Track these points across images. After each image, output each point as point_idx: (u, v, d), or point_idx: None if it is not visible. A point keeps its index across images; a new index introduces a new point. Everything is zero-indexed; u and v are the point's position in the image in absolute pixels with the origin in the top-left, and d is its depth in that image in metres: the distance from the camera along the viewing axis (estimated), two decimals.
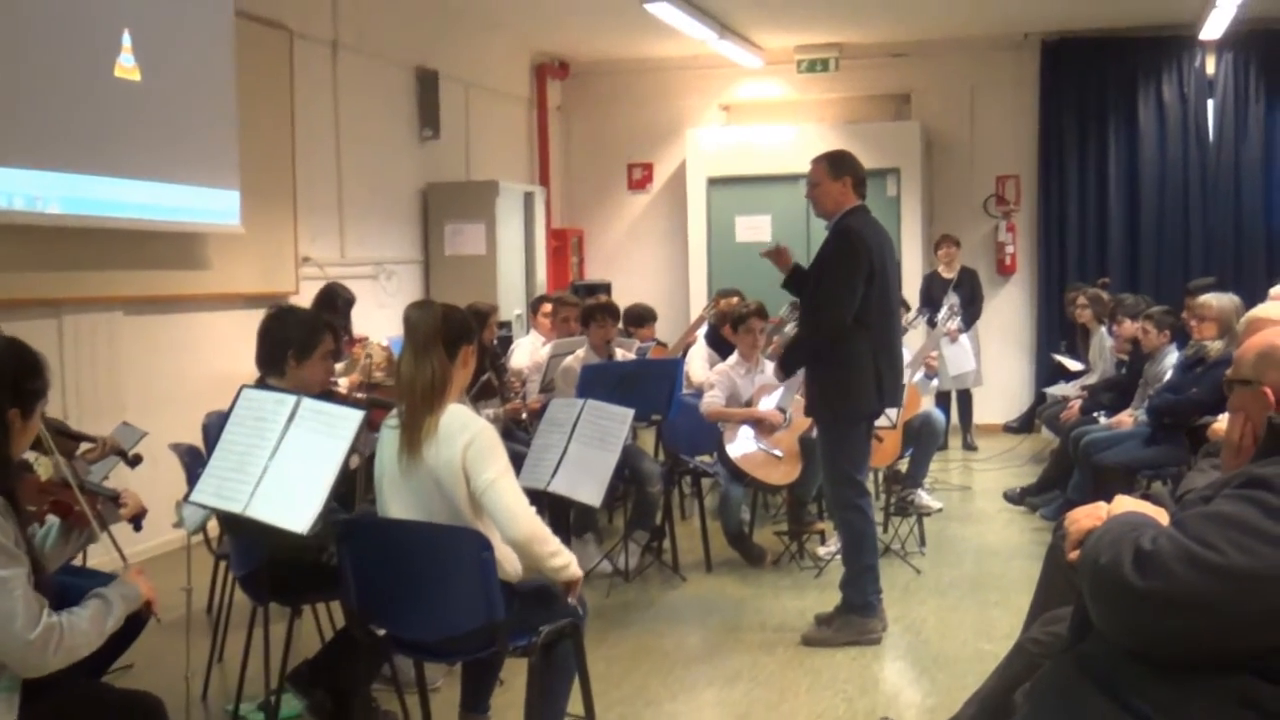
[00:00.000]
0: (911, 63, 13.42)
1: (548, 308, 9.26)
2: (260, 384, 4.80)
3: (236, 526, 4.43)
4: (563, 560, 4.08)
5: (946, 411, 11.03)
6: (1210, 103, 12.79)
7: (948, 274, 12.16)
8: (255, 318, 5.23)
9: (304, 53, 9.45)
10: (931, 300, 11.57)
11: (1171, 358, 8.30)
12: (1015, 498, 9.24)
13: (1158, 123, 12.86)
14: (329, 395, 5.00)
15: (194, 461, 5.20)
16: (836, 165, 6.14)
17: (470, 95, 12.12)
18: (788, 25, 12.31)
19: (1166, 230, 12.84)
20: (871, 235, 6.04)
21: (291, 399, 4.16)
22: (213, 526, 5.12)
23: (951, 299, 11.46)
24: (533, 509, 4.08)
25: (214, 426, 5.06)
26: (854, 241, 5.95)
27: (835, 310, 5.90)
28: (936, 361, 9.08)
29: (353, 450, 4.04)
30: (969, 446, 11.92)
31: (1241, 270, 12.45)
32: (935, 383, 9.20)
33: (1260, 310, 6.02)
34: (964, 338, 11.60)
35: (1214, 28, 11.78)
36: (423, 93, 11.18)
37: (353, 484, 5.12)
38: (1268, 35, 12.47)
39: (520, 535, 4.00)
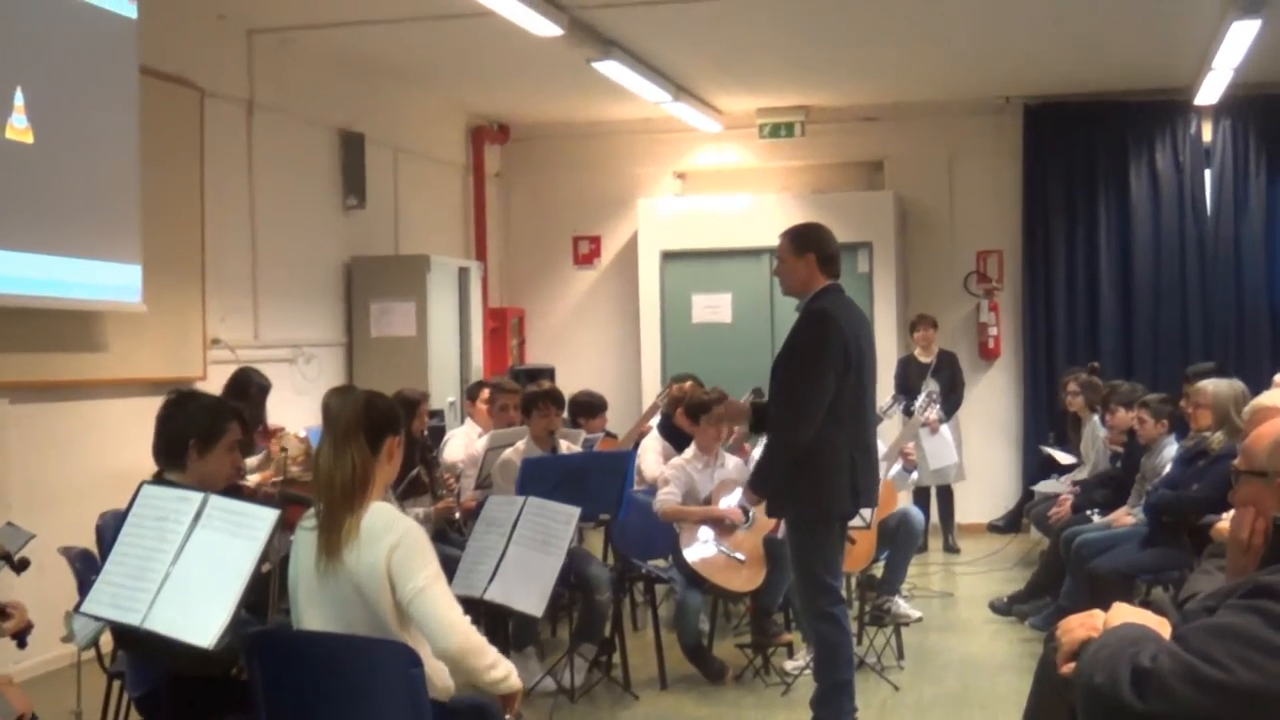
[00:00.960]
0: (884, 127, 13.58)
1: (485, 395, 9.25)
2: (160, 479, 4.74)
3: (134, 641, 4.36)
4: (502, 671, 4.05)
5: (926, 510, 11.04)
6: (1208, 172, 13.00)
7: (925, 358, 12.24)
8: (156, 406, 5.18)
9: (216, 113, 9.47)
10: (907, 387, 11.60)
11: (1170, 450, 8.36)
12: (1002, 608, 9.22)
13: (1151, 194, 13.05)
14: (237, 492, 4.95)
15: (86, 567, 5.12)
16: (799, 241, 6.17)
17: (400, 161, 12.17)
18: (749, 86, 12.45)
19: (1163, 310, 12.98)
20: (845, 318, 6.07)
21: (197, 496, 4.12)
22: (107, 641, 5.03)
23: (930, 386, 11.48)
24: (467, 618, 4.04)
25: (110, 528, 4.99)
26: (825, 326, 5.97)
27: (809, 410, 5.90)
28: (915, 454, 9.10)
29: (265, 554, 3.99)
30: (951, 548, 11.94)
31: (1244, 354, 12.61)
32: (914, 477, 9.22)
33: (1267, 398, 6.10)
34: (944, 428, 11.58)
35: (1210, 92, 11.99)
36: (347, 158, 11.21)
37: (265, 592, 5.05)
38: (1267, 101, 12.71)
39: (453, 648, 3.96)
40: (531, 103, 13.19)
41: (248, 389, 8.48)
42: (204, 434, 4.83)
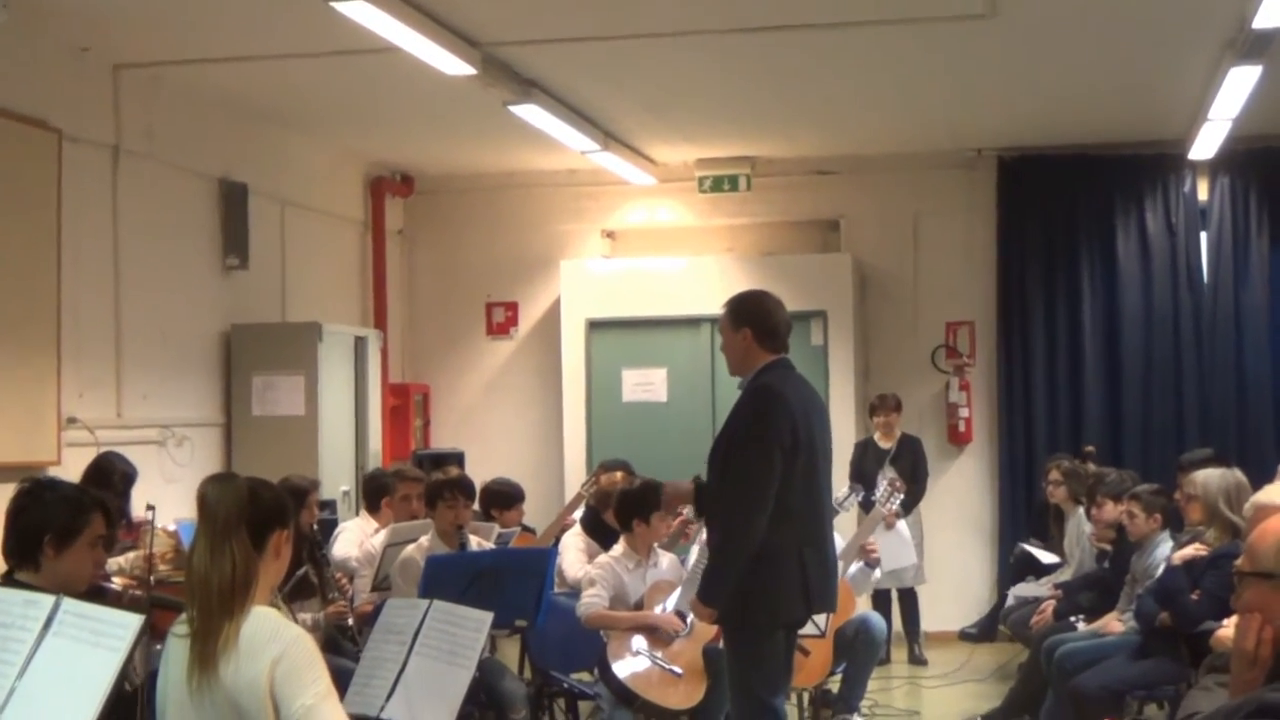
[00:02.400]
0: (841, 182, 13.70)
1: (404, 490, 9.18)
2: (9, 580, 4.69)
3: None
4: None
5: (887, 615, 11.05)
6: (1204, 235, 13.16)
7: (885, 443, 12.29)
8: (3, 494, 5.13)
9: (76, 159, 9.43)
10: (863, 474, 11.62)
11: (1164, 548, 8.43)
12: None
13: (1141, 259, 13.18)
14: (100, 595, 4.90)
15: None
16: (736, 313, 6.25)
17: (287, 215, 12.16)
18: (687, 134, 12.53)
19: (1154, 390, 13.09)
20: (794, 395, 6.11)
21: (48, 600, 4.07)
22: None
23: (889, 474, 11.52)
24: None
25: None
26: (768, 402, 6.01)
27: (759, 495, 5.92)
28: (877, 548, 9.11)
29: (128, 667, 3.95)
30: (917, 659, 11.96)
31: (1246, 439, 12.72)
32: (877, 575, 9.20)
33: (1266, 495, 6.18)
34: (901, 524, 11.45)
35: (1206, 145, 12.15)
36: (228, 211, 11.19)
37: (130, 710, 5.00)
38: (1269, 155, 12.87)
39: None
40: (439, 151, 13.23)
41: (110, 477, 8.41)
42: (62, 529, 4.80)
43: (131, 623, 3.96)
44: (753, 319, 6.20)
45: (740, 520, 5.97)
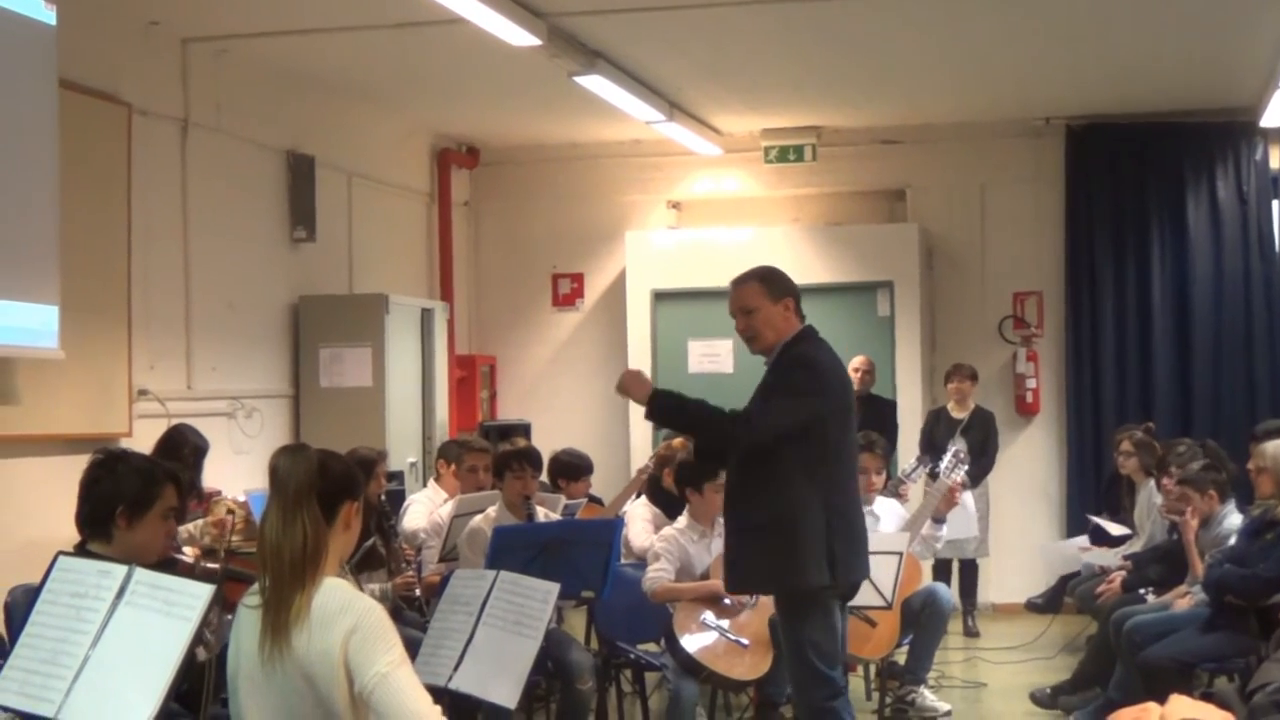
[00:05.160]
0: (907, 151, 13.64)
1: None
2: (81, 550, 4.74)
3: None
4: None
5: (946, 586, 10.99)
6: (1276, 203, 13.07)
7: (959, 413, 12.25)
8: (75, 465, 5.18)
9: (145, 132, 9.49)
10: (933, 444, 11.57)
11: (1233, 519, 8.38)
12: (1045, 699, 9.21)
13: (1211, 227, 13.09)
14: (172, 566, 4.94)
15: None
16: (774, 285, 6.25)
17: (355, 187, 12.21)
18: (753, 104, 12.49)
19: (1225, 360, 13.00)
20: (836, 367, 6.17)
21: (120, 570, 4.11)
22: None
23: (957, 444, 11.43)
24: (438, 709, 4.03)
25: (20, 605, 4.99)
26: (816, 372, 6.06)
27: (770, 421, 5.97)
28: (958, 497, 8.93)
29: (200, 637, 3.98)
30: (970, 632, 11.93)
31: None
32: (944, 530, 9.01)
33: None
34: (966, 495, 11.37)
35: (1277, 113, 12.01)
36: (295, 184, 11.24)
37: (199, 680, 5.04)
38: None
39: None
40: (505, 122, 13.24)
41: (181, 450, 8.47)
42: (134, 501, 4.84)
43: (203, 593, 3.99)
44: (792, 289, 6.23)
45: (749, 422, 6.02)
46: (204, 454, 8.72)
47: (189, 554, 6.65)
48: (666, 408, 6.29)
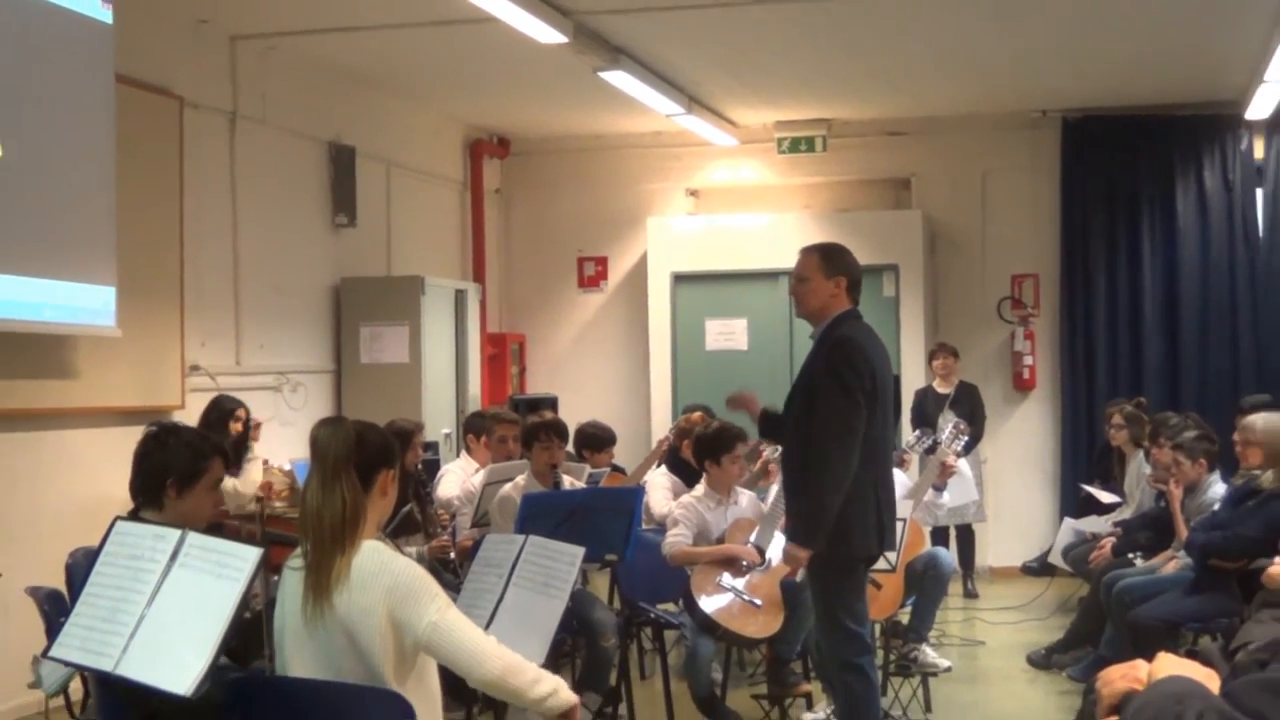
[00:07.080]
0: (912, 142, 13.62)
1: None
2: (134, 516, 4.75)
3: (106, 687, 4.36)
4: (548, 686, 4.05)
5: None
6: (1259, 191, 13.02)
7: (943, 389, 12.30)
8: (131, 436, 5.19)
9: (196, 124, 9.51)
10: (924, 419, 11.61)
11: (1217, 488, 8.36)
12: (1040, 660, 9.20)
13: (1199, 214, 13.06)
14: (219, 530, 4.96)
15: (55, 609, 5.13)
16: (831, 261, 6.19)
17: (393, 176, 12.21)
18: (767, 98, 12.49)
19: (1212, 339, 12.98)
20: (872, 349, 6.11)
21: (174, 534, 4.12)
22: (76, 687, 5.03)
23: (951, 417, 11.42)
24: (492, 638, 4.04)
25: (80, 567, 5.00)
26: (854, 354, 6.00)
27: (851, 436, 5.90)
28: (955, 468, 8.93)
29: (248, 596, 4.00)
30: (970, 594, 11.94)
31: None
32: (945, 498, 9.00)
33: None
34: (963, 463, 11.40)
35: (1262, 106, 11.99)
36: (336, 173, 11.26)
37: (247, 636, 5.07)
38: None
39: (493, 674, 3.96)
40: (534, 115, 13.24)
41: (226, 420, 8.58)
42: (184, 473, 4.86)
43: (251, 555, 3.99)
44: (848, 269, 6.17)
45: (837, 457, 5.93)
46: (230, 416, 8.81)
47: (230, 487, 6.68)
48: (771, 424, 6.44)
